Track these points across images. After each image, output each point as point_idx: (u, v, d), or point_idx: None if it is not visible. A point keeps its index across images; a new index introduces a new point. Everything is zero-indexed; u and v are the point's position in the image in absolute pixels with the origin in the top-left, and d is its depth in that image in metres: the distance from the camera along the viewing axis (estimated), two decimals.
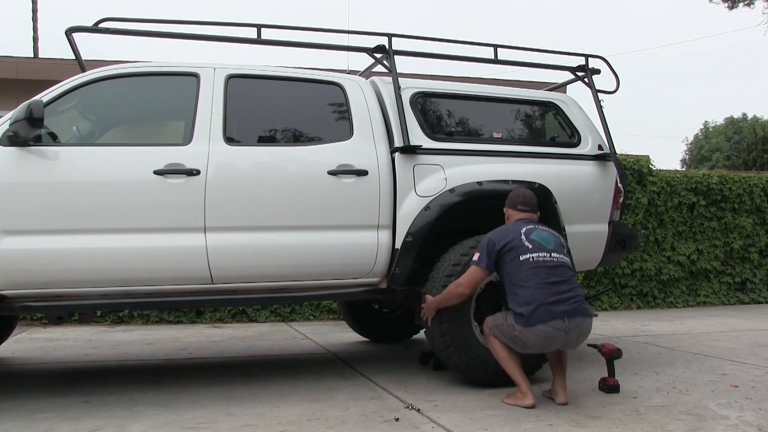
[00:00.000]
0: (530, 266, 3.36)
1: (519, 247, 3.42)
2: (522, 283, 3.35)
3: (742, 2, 14.82)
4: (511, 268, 3.41)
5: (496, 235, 3.52)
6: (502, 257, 3.44)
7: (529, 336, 3.28)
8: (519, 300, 3.33)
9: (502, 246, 3.45)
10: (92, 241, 3.37)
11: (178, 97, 3.89)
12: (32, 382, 4.16)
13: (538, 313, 3.25)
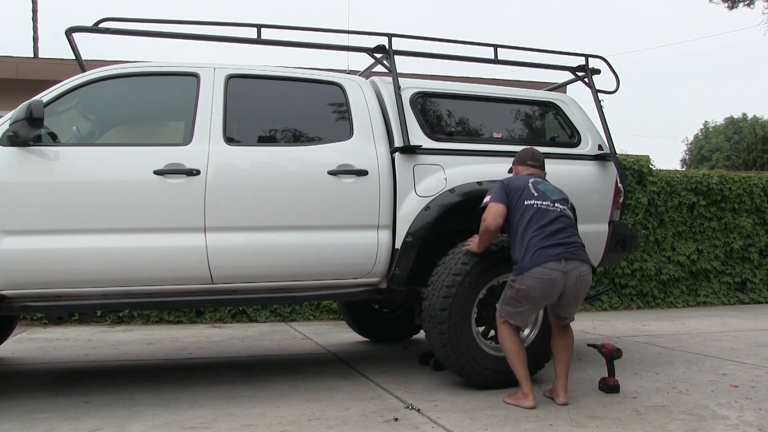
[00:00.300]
0: (532, 212, 3.42)
1: (525, 192, 3.50)
2: (523, 229, 3.39)
3: (742, 2, 14.82)
4: (515, 213, 3.47)
5: (506, 179, 3.62)
6: (511, 198, 3.49)
7: (527, 282, 3.30)
8: (518, 247, 3.39)
9: (510, 186, 3.53)
10: (92, 241, 3.37)
11: (178, 97, 3.89)
12: (32, 382, 4.16)
13: (534, 256, 3.30)
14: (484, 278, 3.72)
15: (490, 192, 3.57)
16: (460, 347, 3.63)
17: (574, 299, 3.39)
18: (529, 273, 3.29)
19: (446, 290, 3.62)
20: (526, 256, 3.32)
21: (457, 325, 3.62)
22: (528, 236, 3.36)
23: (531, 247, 3.33)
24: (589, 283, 3.43)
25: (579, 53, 4.73)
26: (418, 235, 3.82)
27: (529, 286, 3.30)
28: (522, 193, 3.49)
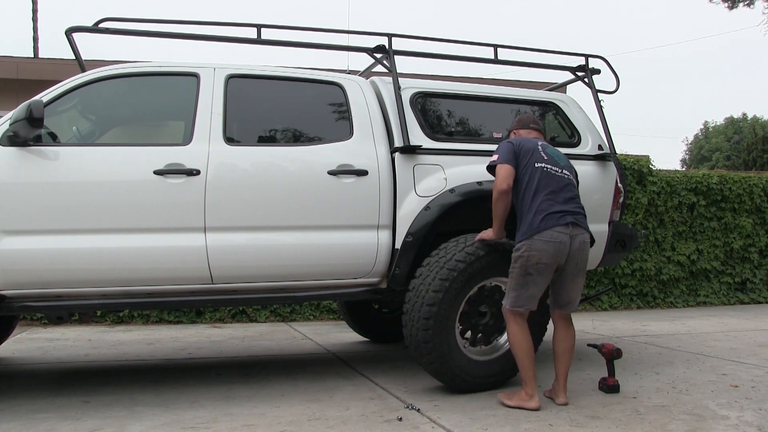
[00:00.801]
0: (543, 175, 3.39)
1: (535, 154, 3.44)
2: (533, 193, 3.35)
3: (742, 2, 14.82)
4: (524, 175, 3.40)
5: (515, 139, 3.55)
6: (520, 159, 3.43)
7: (539, 247, 3.25)
8: (526, 211, 3.34)
9: (519, 147, 3.46)
10: (92, 241, 3.37)
11: (178, 97, 3.88)
12: (32, 382, 4.16)
13: (545, 220, 3.27)
14: (479, 277, 3.66)
15: (498, 152, 3.49)
16: (442, 346, 3.54)
17: (576, 268, 3.36)
18: (540, 236, 3.25)
19: (439, 284, 3.54)
20: (535, 220, 3.28)
21: (442, 322, 3.53)
22: (539, 200, 3.32)
23: (541, 210, 3.29)
24: (588, 254, 3.44)
25: (579, 53, 4.73)
26: (418, 235, 3.81)
27: (540, 251, 3.25)
28: (532, 155, 3.43)
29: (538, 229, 3.26)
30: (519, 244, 3.33)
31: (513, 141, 3.51)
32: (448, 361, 3.56)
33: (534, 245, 3.26)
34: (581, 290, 3.50)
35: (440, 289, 3.52)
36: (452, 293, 3.55)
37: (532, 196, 3.34)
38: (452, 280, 3.54)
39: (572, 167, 3.61)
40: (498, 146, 3.55)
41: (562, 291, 3.43)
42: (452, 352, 3.57)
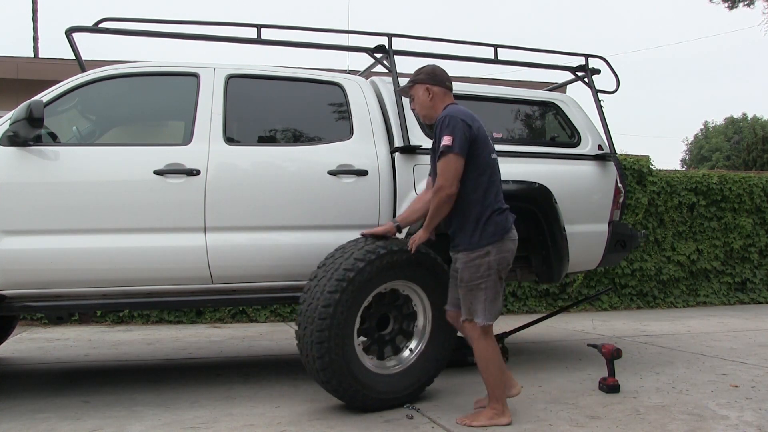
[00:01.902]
0: (496, 167, 3.07)
1: (488, 142, 3.05)
2: (495, 187, 3.04)
3: (742, 2, 14.83)
4: (482, 166, 2.99)
5: (466, 116, 3.00)
6: (474, 146, 2.98)
7: (509, 247, 2.99)
8: (488, 209, 2.97)
9: (476, 130, 2.99)
10: (92, 241, 3.37)
11: (178, 97, 3.88)
12: (32, 382, 4.16)
13: (509, 218, 3.04)
14: (379, 280, 3.30)
15: (453, 133, 2.91)
16: (340, 358, 3.14)
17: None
18: (509, 236, 3.01)
19: (335, 284, 3.16)
20: (502, 218, 3.00)
21: (339, 331, 3.14)
22: (499, 196, 3.04)
23: (503, 207, 3.03)
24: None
25: (579, 53, 4.73)
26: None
27: (510, 252, 3.00)
28: (486, 143, 3.02)
29: (507, 227, 3.00)
30: (488, 247, 2.95)
31: (467, 121, 2.97)
32: (347, 375, 3.16)
33: (504, 246, 2.98)
34: None
35: (336, 290, 3.14)
36: (348, 297, 3.16)
37: (494, 192, 3.03)
38: (349, 281, 3.16)
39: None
40: (447, 120, 2.98)
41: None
42: (352, 365, 3.20)
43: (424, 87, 3.18)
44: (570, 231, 4.16)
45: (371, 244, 3.29)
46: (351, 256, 3.23)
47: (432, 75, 3.19)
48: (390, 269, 3.31)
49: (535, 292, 8.04)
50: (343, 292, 3.15)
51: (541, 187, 4.09)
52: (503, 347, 4.51)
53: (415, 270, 3.41)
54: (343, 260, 3.22)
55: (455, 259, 3.11)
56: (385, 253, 3.25)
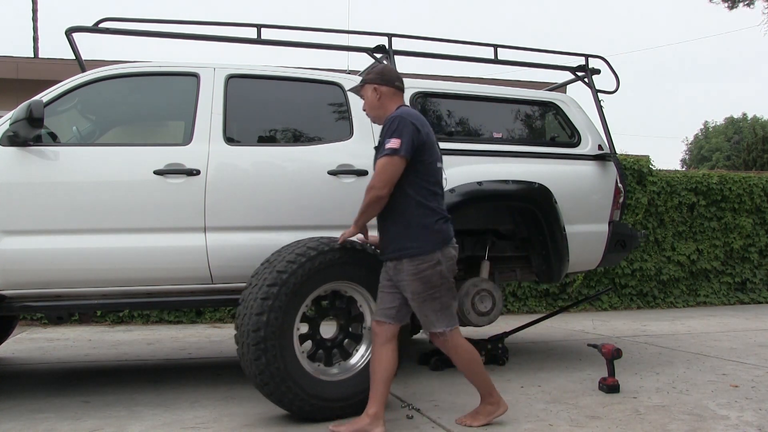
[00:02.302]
0: (440, 176, 2.98)
1: (435, 148, 2.95)
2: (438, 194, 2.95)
3: (742, 2, 14.83)
4: (426, 172, 2.89)
5: (416, 119, 2.89)
6: (421, 152, 2.87)
7: (452, 254, 2.93)
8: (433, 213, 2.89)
9: (426, 135, 2.89)
10: (92, 241, 3.37)
11: (178, 97, 3.88)
12: (32, 382, 4.16)
13: (450, 227, 2.96)
14: (313, 282, 3.18)
15: (399, 134, 2.81)
16: (279, 364, 3.01)
17: None
18: (452, 243, 2.94)
19: (266, 290, 3.07)
20: (446, 226, 2.92)
21: (276, 336, 3.02)
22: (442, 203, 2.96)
23: (445, 215, 2.95)
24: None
25: (579, 53, 4.74)
26: None
27: (454, 259, 2.94)
28: (433, 150, 2.92)
29: (450, 236, 2.94)
30: (435, 256, 2.85)
31: (417, 124, 2.87)
32: (288, 382, 3.03)
33: (449, 253, 2.91)
34: None
35: (268, 296, 3.04)
36: (283, 299, 3.07)
37: (436, 200, 2.93)
38: (281, 284, 3.06)
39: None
40: (398, 122, 2.85)
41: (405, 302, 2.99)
42: (293, 372, 3.06)
43: (373, 87, 3.06)
44: (570, 231, 4.17)
45: (302, 247, 3.18)
46: (283, 259, 3.13)
47: (381, 74, 3.08)
48: (325, 270, 3.18)
49: (535, 292, 8.04)
50: (275, 298, 3.04)
51: (541, 187, 4.10)
52: (503, 347, 4.52)
53: (355, 270, 3.27)
54: (277, 263, 3.13)
55: (391, 267, 2.94)
56: (316, 255, 3.15)
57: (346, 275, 3.28)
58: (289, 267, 3.10)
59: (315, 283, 3.19)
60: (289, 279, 3.07)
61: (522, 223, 4.36)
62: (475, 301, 4.11)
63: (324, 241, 3.24)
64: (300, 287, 3.11)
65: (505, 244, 4.48)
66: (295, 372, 3.07)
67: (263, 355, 2.99)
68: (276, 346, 3.01)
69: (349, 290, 3.39)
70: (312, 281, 3.16)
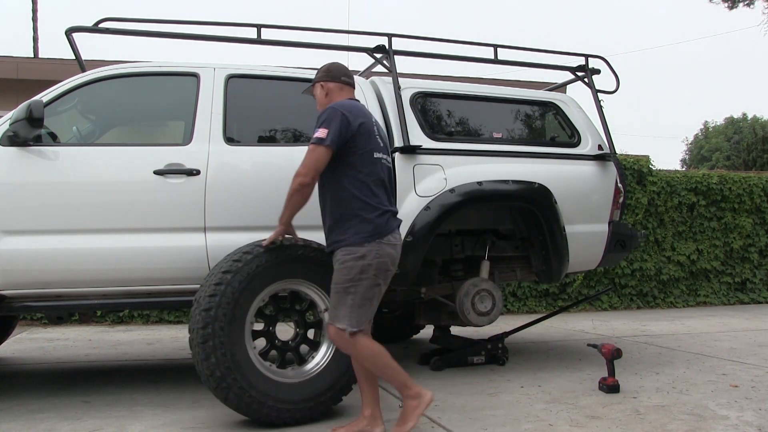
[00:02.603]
0: (380, 168, 2.86)
1: (372, 138, 2.86)
2: (374, 186, 2.82)
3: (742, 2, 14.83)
4: (361, 163, 2.81)
5: (350, 110, 2.84)
6: (354, 142, 2.80)
7: (387, 251, 2.76)
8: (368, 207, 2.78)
9: (358, 125, 2.81)
10: (92, 241, 3.37)
11: (178, 97, 3.88)
12: (32, 382, 4.16)
13: (391, 221, 2.81)
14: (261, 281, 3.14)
15: (327, 124, 2.78)
16: (230, 365, 2.96)
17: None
18: (387, 239, 2.77)
19: (213, 288, 3.04)
20: (381, 220, 2.78)
21: (226, 335, 2.97)
22: (380, 196, 2.83)
23: (384, 209, 2.81)
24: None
25: (579, 53, 4.73)
26: (418, 236, 3.81)
27: (389, 256, 2.77)
28: (370, 140, 2.84)
29: (385, 231, 2.78)
30: (363, 249, 2.73)
31: (348, 114, 2.81)
32: (240, 383, 2.97)
33: (383, 250, 2.74)
34: None
35: (215, 293, 3.02)
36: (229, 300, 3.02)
37: (372, 191, 2.81)
38: (227, 283, 3.04)
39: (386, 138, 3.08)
40: (328, 113, 2.83)
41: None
42: (246, 373, 3.00)
43: (320, 85, 3.06)
44: (570, 231, 4.17)
45: (251, 245, 3.16)
46: (229, 259, 3.13)
47: (326, 71, 3.06)
48: (275, 268, 3.14)
49: (535, 292, 8.04)
50: (222, 296, 3.01)
51: (541, 187, 4.10)
52: (503, 347, 4.52)
53: (310, 269, 3.20)
54: (224, 264, 3.12)
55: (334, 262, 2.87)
56: (263, 252, 3.12)
57: (303, 274, 3.23)
58: (234, 266, 3.07)
59: (265, 281, 3.14)
60: (234, 279, 3.04)
61: (522, 223, 4.36)
62: (475, 301, 4.11)
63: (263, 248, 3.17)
64: (247, 285, 3.08)
65: (505, 244, 4.48)
66: (248, 372, 3.01)
67: (211, 351, 2.94)
68: (225, 344, 2.96)
69: (310, 293, 3.33)
70: (262, 279, 3.12)
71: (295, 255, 3.19)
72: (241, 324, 3.06)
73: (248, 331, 3.11)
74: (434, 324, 4.69)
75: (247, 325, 3.11)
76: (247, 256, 3.11)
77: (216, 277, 3.07)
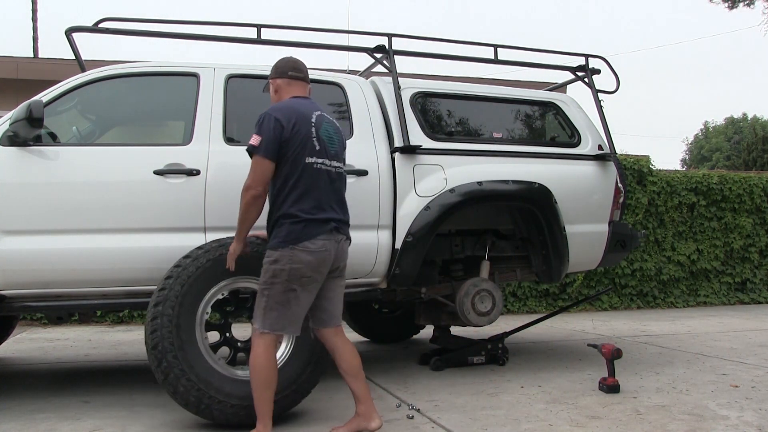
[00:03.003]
0: (311, 174, 2.77)
1: (308, 144, 2.77)
2: (299, 193, 2.76)
3: (742, 2, 14.83)
4: (290, 169, 2.76)
5: (283, 114, 2.78)
6: (288, 148, 2.76)
7: (301, 258, 2.70)
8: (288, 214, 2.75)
9: (291, 133, 2.75)
10: (92, 241, 3.37)
11: (178, 97, 3.88)
12: (32, 382, 4.16)
13: (309, 227, 2.73)
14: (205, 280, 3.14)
15: (262, 132, 2.75)
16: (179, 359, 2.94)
17: (339, 273, 2.92)
18: (303, 246, 2.71)
19: (162, 282, 3.11)
20: (297, 227, 2.73)
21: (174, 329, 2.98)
22: (304, 203, 2.76)
23: (305, 216, 2.74)
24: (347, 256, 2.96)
25: (579, 53, 4.73)
26: (418, 235, 3.81)
27: (304, 263, 2.71)
28: (303, 144, 2.76)
29: (300, 237, 2.72)
30: (277, 254, 2.73)
31: (281, 118, 2.76)
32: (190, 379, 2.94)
33: (296, 257, 2.70)
34: (343, 295, 2.98)
35: (164, 287, 3.08)
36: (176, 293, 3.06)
37: (296, 198, 2.76)
38: (176, 277, 3.09)
39: (344, 146, 3.00)
40: (262, 118, 2.79)
41: (327, 303, 2.88)
42: (198, 369, 2.98)
43: (269, 82, 3.02)
44: (570, 231, 4.17)
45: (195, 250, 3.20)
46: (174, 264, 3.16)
47: (275, 68, 2.98)
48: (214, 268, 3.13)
49: (535, 292, 8.04)
50: (170, 289, 3.05)
51: (541, 187, 4.10)
52: (503, 347, 4.52)
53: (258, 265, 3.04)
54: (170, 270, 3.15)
55: None
56: (218, 246, 3.17)
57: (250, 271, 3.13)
58: (174, 272, 3.12)
59: (208, 281, 3.14)
60: (174, 283, 3.08)
61: (522, 223, 4.36)
62: (475, 301, 4.11)
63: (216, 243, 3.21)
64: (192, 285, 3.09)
65: (505, 244, 4.48)
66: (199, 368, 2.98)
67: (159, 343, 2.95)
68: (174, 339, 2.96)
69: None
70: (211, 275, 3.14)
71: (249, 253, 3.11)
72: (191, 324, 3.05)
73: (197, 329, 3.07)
74: (434, 324, 4.69)
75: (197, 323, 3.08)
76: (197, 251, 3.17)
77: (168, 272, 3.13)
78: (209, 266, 3.15)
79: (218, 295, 3.22)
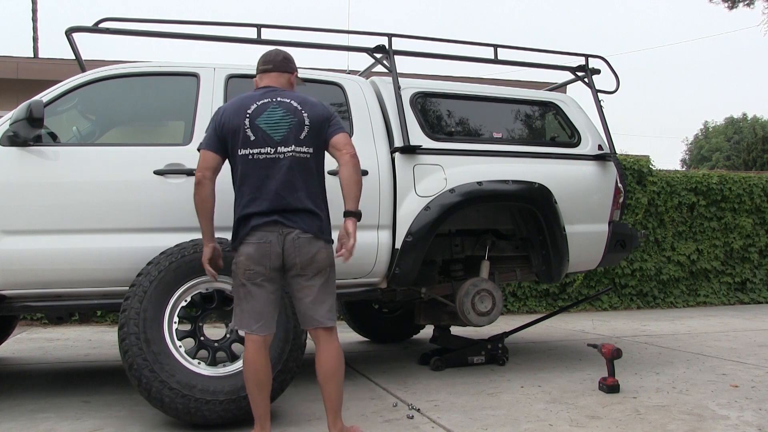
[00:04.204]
0: (247, 164, 2.69)
1: (240, 135, 2.69)
2: (239, 185, 2.73)
3: (742, 2, 14.81)
4: (233, 163, 2.76)
5: (222, 108, 2.82)
6: (224, 141, 2.74)
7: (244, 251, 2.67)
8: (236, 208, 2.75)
9: (223, 127, 2.73)
10: (93, 241, 3.37)
11: (178, 97, 3.88)
12: (32, 382, 4.16)
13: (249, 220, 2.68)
14: (175, 280, 3.16)
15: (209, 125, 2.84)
16: (148, 359, 2.96)
17: (303, 270, 2.67)
18: (245, 239, 2.68)
19: (134, 279, 3.16)
20: (241, 221, 2.71)
21: (143, 325, 3.00)
22: (243, 196, 2.71)
23: (245, 208, 2.69)
24: (316, 250, 2.67)
25: (579, 53, 4.73)
26: (418, 235, 3.81)
27: (247, 256, 2.65)
28: (236, 137, 2.70)
29: (238, 232, 2.71)
30: (233, 250, 2.77)
31: (218, 113, 2.79)
32: (172, 388, 2.95)
33: (240, 251, 2.68)
34: (330, 297, 2.77)
35: (135, 283, 3.14)
36: (142, 302, 3.06)
37: (238, 193, 2.74)
38: (145, 273, 3.14)
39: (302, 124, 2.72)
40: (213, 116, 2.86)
41: (298, 304, 2.77)
42: (179, 376, 2.98)
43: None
44: (570, 231, 4.17)
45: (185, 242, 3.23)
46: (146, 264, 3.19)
47: (257, 65, 2.98)
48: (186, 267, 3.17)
49: (535, 292, 8.04)
50: (138, 285, 3.09)
51: (541, 187, 4.10)
52: (503, 347, 4.52)
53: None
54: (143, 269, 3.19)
55: None
56: (193, 244, 3.19)
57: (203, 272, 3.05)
58: (144, 269, 3.17)
59: (178, 281, 3.16)
60: (143, 281, 3.11)
61: (522, 223, 4.36)
62: (475, 301, 4.11)
63: (188, 244, 3.21)
64: (160, 285, 3.11)
65: (505, 244, 4.48)
66: (184, 377, 2.97)
67: (129, 344, 2.97)
68: (149, 360, 2.96)
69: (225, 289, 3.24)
70: (175, 279, 3.15)
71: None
72: (159, 322, 3.06)
73: (168, 331, 3.07)
74: (434, 324, 4.69)
75: (165, 319, 3.08)
76: (169, 251, 3.20)
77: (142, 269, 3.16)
78: (167, 278, 3.13)
79: (182, 302, 3.19)
